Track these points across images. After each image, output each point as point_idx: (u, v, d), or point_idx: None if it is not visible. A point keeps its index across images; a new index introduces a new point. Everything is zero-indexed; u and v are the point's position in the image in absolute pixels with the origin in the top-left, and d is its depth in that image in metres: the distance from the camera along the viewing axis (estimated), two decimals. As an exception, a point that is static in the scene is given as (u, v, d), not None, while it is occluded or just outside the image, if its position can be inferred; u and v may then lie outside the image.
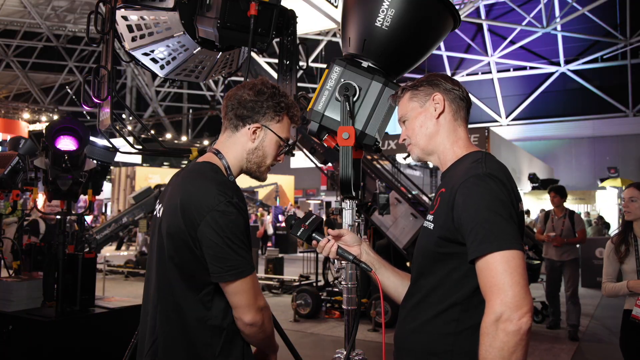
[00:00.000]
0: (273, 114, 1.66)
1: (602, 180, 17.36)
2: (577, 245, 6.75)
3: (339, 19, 3.53)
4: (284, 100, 1.68)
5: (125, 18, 3.03)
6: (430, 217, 1.53)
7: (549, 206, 16.14)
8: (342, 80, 1.87)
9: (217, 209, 1.47)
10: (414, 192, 8.56)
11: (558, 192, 6.68)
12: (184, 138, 27.72)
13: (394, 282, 1.70)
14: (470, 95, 1.71)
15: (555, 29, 23.34)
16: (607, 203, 16.33)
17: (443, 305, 1.45)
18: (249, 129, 1.66)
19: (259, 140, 1.67)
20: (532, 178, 16.51)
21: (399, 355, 1.56)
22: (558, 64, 24.63)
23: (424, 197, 8.05)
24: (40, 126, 20.45)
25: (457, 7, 5.56)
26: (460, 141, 1.59)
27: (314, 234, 1.69)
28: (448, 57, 26.26)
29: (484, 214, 1.34)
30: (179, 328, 1.54)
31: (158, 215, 1.65)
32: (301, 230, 1.68)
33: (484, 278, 1.33)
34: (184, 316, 1.53)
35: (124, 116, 18.02)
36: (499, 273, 1.30)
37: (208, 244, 1.47)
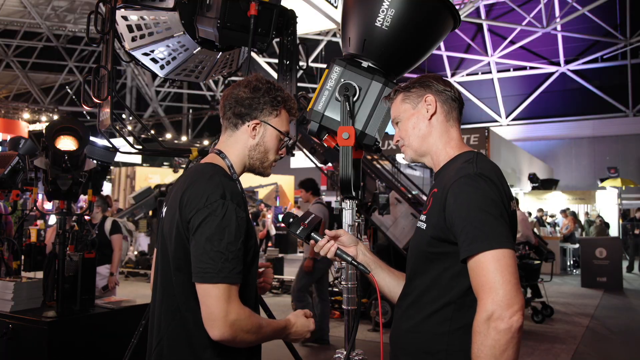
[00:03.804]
0: (271, 109, 1.67)
1: (602, 180, 17.31)
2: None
3: (339, 19, 3.53)
4: (280, 94, 1.68)
5: (125, 18, 3.04)
6: (423, 217, 1.55)
7: (549, 206, 16.20)
8: (342, 80, 1.87)
9: (207, 208, 1.46)
10: (414, 192, 8.57)
11: (302, 187, 6.23)
12: (184, 138, 27.70)
13: (390, 283, 1.72)
14: (470, 95, 1.72)
15: (555, 29, 23.32)
16: (607, 203, 16.32)
17: (437, 305, 1.46)
18: (248, 126, 1.66)
19: (260, 136, 1.67)
20: (532, 178, 16.49)
21: (395, 355, 1.57)
22: (558, 64, 24.61)
23: (424, 197, 8.05)
24: (40, 126, 20.42)
25: (457, 7, 5.56)
26: (452, 142, 1.60)
27: (312, 234, 1.69)
28: (448, 57, 26.22)
29: (475, 213, 1.36)
30: (182, 328, 1.54)
31: (162, 216, 1.67)
32: (300, 229, 1.68)
33: (476, 277, 1.34)
34: (186, 317, 1.53)
35: (124, 116, 18.02)
36: (490, 272, 1.31)
37: (192, 242, 1.48)
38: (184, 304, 1.53)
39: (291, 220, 1.71)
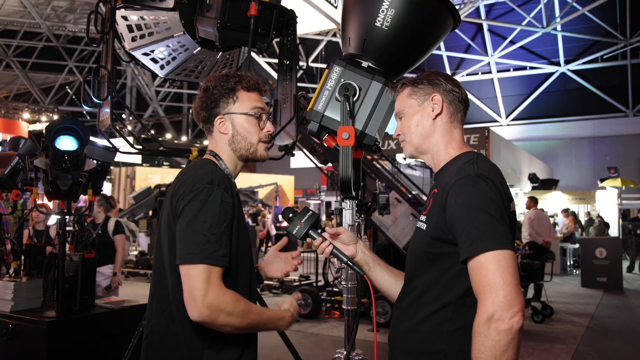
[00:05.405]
0: (226, 99, 1.68)
1: (602, 180, 17.30)
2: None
3: (339, 19, 3.53)
4: (231, 80, 1.69)
5: (125, 18, 3.04)
6: (423, 217, 1.55)
7: (549, 206, 16.21)
8: (342, 80, 1.88)
9: (191, 192, 1.50)
10: (414, 192, 8.57)
11: None
12: (184, 138, 27.71)
13: (389, 281, 1.72)
14: (470, 95, 1.72)
15: (555, 29, 23.31)
16: (607, 203, 16.31)
17: (436, 305, 1.46)
18: (216, 124, 1.70)
19: (230, 128, 1.69)
20: (532, 178, 16.48)
21: (394, 355, 1.57)
22: (558, 64, 24.60)
23: (424, 197, 8.05)
24: (40, 126, 20.40)
25: (457, 7, 5.56)
26: (454, 142, 1.60)
27: (310, 232, 1.69)
28: (448, 57, 26.22)
29: (475, 214, 1.36)
30: (172, 318, 1.56)
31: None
32: (297, 229, 1.68)
33: (476, 278, 1.35)
34: (177, 307, 1.55)
35: (124, 116, 18.01)
36: (491, 273, 1.31)
37: (177, 225, 1.50)
38: (176, 295, 1.54)
39: (291, 215, 1.71)
